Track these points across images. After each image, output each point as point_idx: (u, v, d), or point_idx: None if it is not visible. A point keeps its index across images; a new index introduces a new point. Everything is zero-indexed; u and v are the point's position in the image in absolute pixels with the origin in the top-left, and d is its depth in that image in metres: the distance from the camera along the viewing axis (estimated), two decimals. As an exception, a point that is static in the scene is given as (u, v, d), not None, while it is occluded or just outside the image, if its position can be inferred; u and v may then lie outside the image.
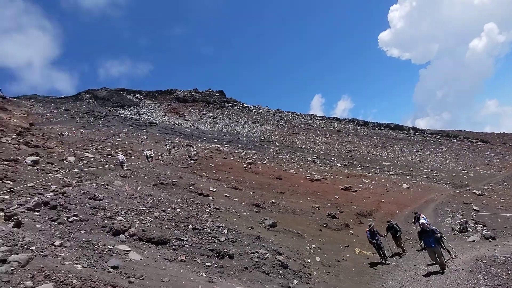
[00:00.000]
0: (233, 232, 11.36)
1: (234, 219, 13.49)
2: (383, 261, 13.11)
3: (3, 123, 34.94)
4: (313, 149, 52.66)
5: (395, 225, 13.91)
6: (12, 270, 5.49)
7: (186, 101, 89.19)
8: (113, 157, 26.09)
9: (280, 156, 41.78)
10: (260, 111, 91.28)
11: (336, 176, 32.14)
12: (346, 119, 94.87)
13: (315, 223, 17.31)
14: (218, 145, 44.61)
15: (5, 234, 6.67)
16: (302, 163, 38.25)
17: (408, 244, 14.93)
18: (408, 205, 23.10)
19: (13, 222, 7.28)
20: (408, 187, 29.12)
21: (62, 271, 5.84)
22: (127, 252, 7.53)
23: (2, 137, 25.28)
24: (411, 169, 41.56)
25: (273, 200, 19.49)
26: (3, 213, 7.94)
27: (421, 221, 11.18)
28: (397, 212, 21.70)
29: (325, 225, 17.29)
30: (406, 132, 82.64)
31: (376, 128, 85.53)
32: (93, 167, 20.63)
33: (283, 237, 13.68)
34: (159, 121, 63.46)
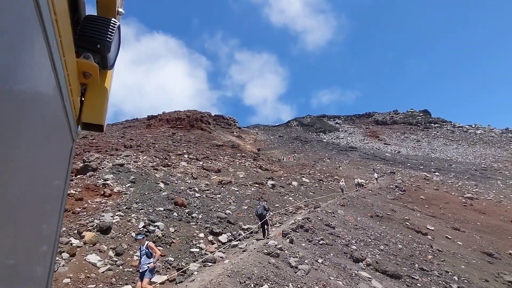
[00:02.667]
0: (465, 281, 10.94)
1: (463, 266, 12.74)
2: None
3: (242, 149, 46.50)
4: None
5: None
6: (301, 275, 8.14)
7: (385, 124, 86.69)
8: (325, 183, 29.57)
9: (514, 191, 33.69)
10: (478, 132, 76.11)
11: None
12: None
13: None
14: (425, 173, 41.10)
15: (288, 248, 9.74)
16: (552, 204, 29.34)
17: None
18: None
19: (288, 239, 10.40)
20: None
21: (332, 285, 8.05)
22: (370, 280, 9.11)
23: (246, 162, 33.97)
24: None
25: (510, 251, 16.50)
26: (281, 230, 11.37)
27: None
28: None
29: None
30: None
31: None
32: (312, 192, 24.34)
33: (531, 300, 11.65)
34: (359, 145, 64.92)
